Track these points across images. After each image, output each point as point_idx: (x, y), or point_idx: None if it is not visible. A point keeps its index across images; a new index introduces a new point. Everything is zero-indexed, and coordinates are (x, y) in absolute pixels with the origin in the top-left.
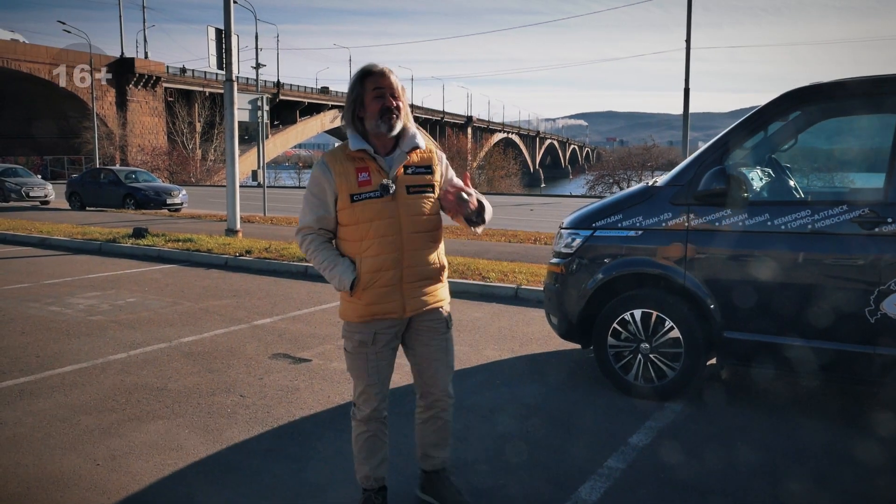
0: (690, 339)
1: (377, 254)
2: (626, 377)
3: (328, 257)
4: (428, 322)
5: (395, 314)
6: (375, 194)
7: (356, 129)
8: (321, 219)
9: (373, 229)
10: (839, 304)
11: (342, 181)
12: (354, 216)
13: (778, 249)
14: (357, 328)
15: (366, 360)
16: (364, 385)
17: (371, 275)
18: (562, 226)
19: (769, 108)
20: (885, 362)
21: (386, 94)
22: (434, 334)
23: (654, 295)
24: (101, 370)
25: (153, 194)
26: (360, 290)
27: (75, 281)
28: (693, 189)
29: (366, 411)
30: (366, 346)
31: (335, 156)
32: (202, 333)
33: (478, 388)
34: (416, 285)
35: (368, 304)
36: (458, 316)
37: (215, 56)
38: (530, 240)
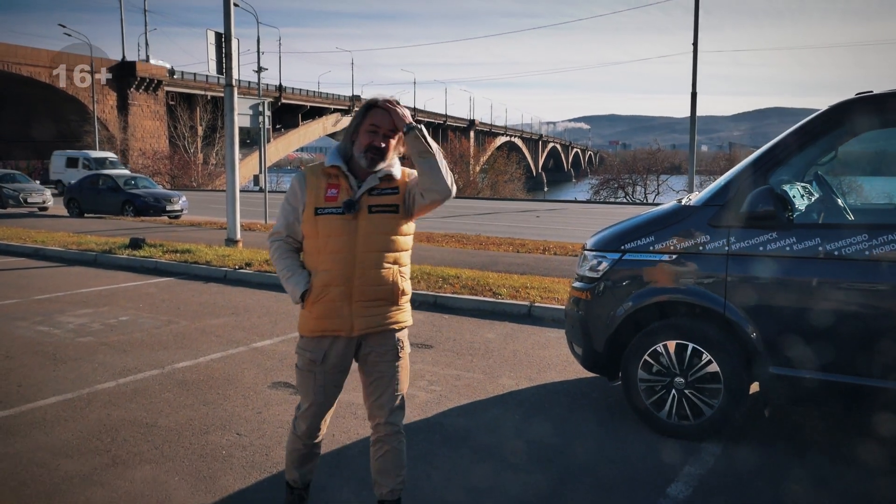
0: (731, 375)
1: (329, 268)
2: (659, 414)
3: (288, 266)
4: (378, 347)
5: (343, 332)
6: (338, 210)
7: (343, 148)
8: (290, 226)
9: (329, 244)
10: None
11: (312, 193)
12: (315, 229)
13: (831, 277)
14: (309, 345)
15: (314, 380)
16: (309, 403)
17: (321, 288)
18: (586, 247)
19: (820, 121)
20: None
21: (379, 133)
22: (382, 359)
23: (690, 325)
24: (86, 402)
25: (152, 201)
26: (311, 303)
27: (67, 296)
28: (734, 210)
29: (303, 428)
30: (315, 364)
31: (314, 169)
32: (197, 358)
33: (495, 424)
34: (366, 305)
35: (317, 317)
36: (471, 337)
37: (215, 60)
38: (539, 249)
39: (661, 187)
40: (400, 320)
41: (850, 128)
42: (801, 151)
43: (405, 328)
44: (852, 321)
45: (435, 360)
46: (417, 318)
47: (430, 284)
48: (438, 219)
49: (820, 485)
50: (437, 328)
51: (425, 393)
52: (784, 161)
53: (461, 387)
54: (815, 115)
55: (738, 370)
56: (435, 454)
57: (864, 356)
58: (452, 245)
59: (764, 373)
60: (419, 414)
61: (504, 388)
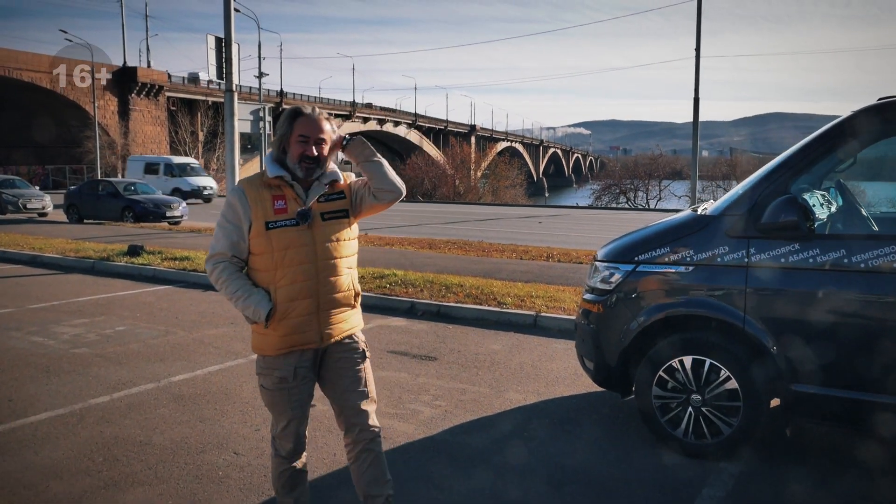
0: (750, 392)
1: (292, 282)
2: (674, 432)
3: (241, 286)
4: (343, 353)
5: (314, 344)
6: (291, 222)
7: (277, 158)
8: (235, 245)
9: (288, 257)
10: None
11: (257, 208)
12: (269, 244)
13: (858, 291)
14: (276, 363)
15: (288, 396)
16: (287, 420)
17: (287, 304)
18: (597, 257)
19: (843, 126)
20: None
21: (309, 142)
22: (350, 365)
23: (708, 340)
24: (79, 418)
25: (152, 207)
26: (276, 321)
27: (63, 305)
28: (755, 220)
29: (288, 447)
30: (287, 381)
31: (252, 183)
32: (194, 371)
33: (503, 441)
34: (331, 313)
35: (285, 334)
36: (476, 349)
37: (215, 66)
38: (543, 256)
39: (663, 193)
40: (357, 323)
41: (875, 133)
42: (823, 158)
43: (360, 329)
44: (880, 337)
45: (439, 373)
46: (421, 327)
47: (433, 293)
48: (440, 225)
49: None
50: (441, 339)
51: (430, 408)
52: (805, 169)
53: (467, 402)
54: (839, 120)
55: (757, 387)
56: (440, 475)
57: (893, 373)
58: (455, 252)
59: (786, 390)
60: (423, 431)
61: (511, 403)
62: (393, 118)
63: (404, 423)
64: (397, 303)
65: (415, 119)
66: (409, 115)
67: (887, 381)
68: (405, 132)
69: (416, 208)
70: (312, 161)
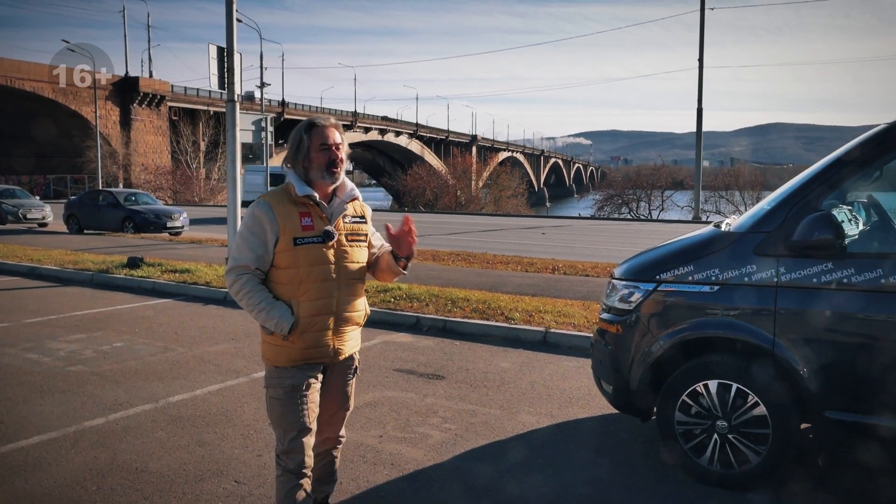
0: (779, 418)
1: (316, 298)
2: (699, 461)
3: (265, 299)
4: (344, 368)
5: (328, 358)
6: (318, 240)
7: (299, 174)
8: (260, 258)
9: (313, 274)
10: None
11: (286, 223)
12: (295, 260)
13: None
14: (289, 373)
15: (299, 406)
16: (297, 431)
17: (310, 318)
18: (614, 275)
19: (881, 138)
20: None
21: (332, 148)
22: (344, 379)
23: (734, 363)
24: (72, 442)
25: (153, 217)
26: (297, 335)
27: (59, 320)
28: (784, 237)
29: (300, 458)
30: (299, 390)
31: (278, 198)
32: (194, 390)
33: (518, 469)
34: (345, 330)
35: (304, 347)
36: (484, 367)
37: (216, 75)
38: (548, 269)
39: (666, 203)
40: (359, 342)
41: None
42: (858, 172)
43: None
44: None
45: (448, 394)
46: (427, 344)
47: (438, 308)
48: (443, 236)
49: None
50: (448, 356)
51: (439, 432)
52: (838, 183)
53: (477, 424)
54: (877, 131)
55: (788, 414)
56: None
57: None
58: (458, 264)
59: (818, 417)
60: (434, 457)
61: (524, 427)
62: (394, 128)
63: (413, 448)
64: (402, 318)
65: (416, 129)
66: (410, 125)
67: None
68: (406, 142)
69: (418, 219)
70: (337, 165)
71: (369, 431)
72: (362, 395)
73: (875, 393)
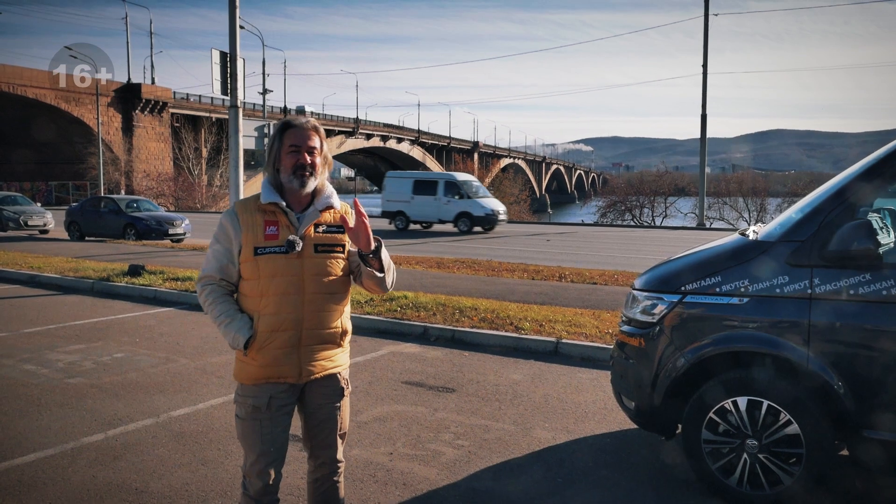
0: (814, 438)
1: (276, 312)
2: (727, 481)
3: (225, 311)
4: (323, 389)
5: (291, 378)
6: (280, 249)
7: (272, 180)
8: (224, 268)
9: (273, 286)
10: None
11: (248, 232)
12: (256, 270)
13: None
14: (250, 392)
15: (259, 428)
16: (256, 455)
17: (268, 334)
18: (635, 286)
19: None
20: None
21: (301, 151)
22: (328, 401)
23: (765, 379)
24: (70, 460)
25: (155, 224)
26: (255, 350)
27: (59, 330)
28: (819, 246)
29: (258, 485)
30: (259, 411)
31: (246, 205)
32: (196, 404)
33: (536, 490)
34: (314, 349)
35: (263, 365)
36: (495, 379)
37: (219, 81)
38: (555, 277)
39: (669, 210)
40: (343, 362)
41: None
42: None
43: (347, 368)
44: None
45: (459, 408)
46: (436, 355)
47: (446, 317)
48: (446, 242)
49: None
50: (458, 368)
51: (452, 449)
52: (876, 190)
53: (491, 441)
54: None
55: (823, 433)
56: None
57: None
58: (464, 271)
59: (855, 437)
60: (447, 477)
61: (540, 443)
62: (396, 134)
63: (426, 466)
64: (409, 327)
65: (418, 136)
66: (412, 131)
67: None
68: (408, 148)
69: None
70: (305, 170)
71: (379, 448)
72: (371, 409)
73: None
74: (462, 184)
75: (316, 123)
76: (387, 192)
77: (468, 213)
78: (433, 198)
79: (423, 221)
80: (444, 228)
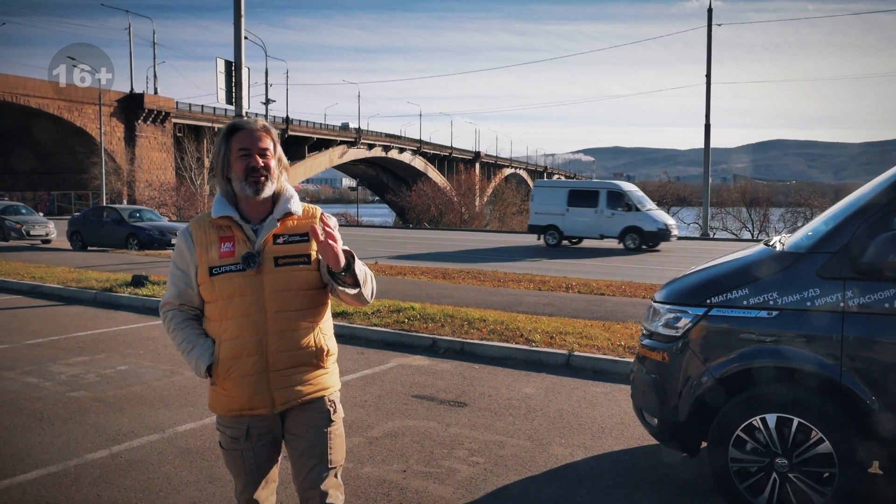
0: (846, 456)
1: (237, 336)
2: (755, 500)
3: (186, 337)
4: (306, 415)
5: (264, 409)
6: (237, 267)
7: (225, 191)
8: (182, 293)
9: (232, 308)
10: None
11: (202, 252)
12: (213, 292)
13: None
14: (227, 422)
15: (242, 457)
16: (244, 483)
17: (230, 361)
18: (656, 298)
19: None
20: None
21: (252, 154)
22: (311, 429)
23: (796, 395)
24: (73, 478)
25: (157, 234)
26: (221, 379)
27: (62, 341)
28: (852, 258)
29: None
30: (239, 442)
31: (200, 223)
32: (202, 419)
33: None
34: (286, 373)
35: (231, 395)
36: (508, 392)
37: (224, 90)
38: (561, 287)
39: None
40: (328, 385)
41: None
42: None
43: (336, 391)
44: None
45: (472, 423)
46: (445, 367)
47: (455, 329)
48: (450, 252)
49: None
50: (469, 381)
51: (467, 466)
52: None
53: (507, 458)
54: None
55: (856, 451)
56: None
57: None
58: (469, 282)
59: (891, 455)
60: (464, 496)
61: (558, 461)
62: (398, 144)
63: (440, 485)
64: (417, 339)
65: (419, 145)
66: (414, 141)
67: None
68: (410, 158)
69: (423, 235)
70: (258, 172)
71: (391, 465)
72: (381, 424)
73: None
74: (629, 194)
75: (266, 123)
76: (535, 204)
77: (637, 227)
78: (593, 210)
79: (580, 237)
80: (601, 245)
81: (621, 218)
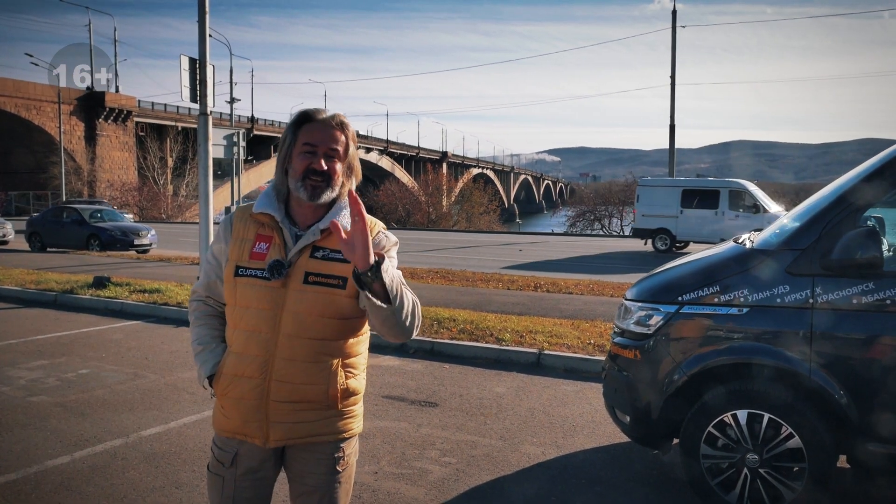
0: (816, 451)
1: (242, 351)
2: (726, 497)
3: (200, 337)
4: (310, 457)
5: (256, 439)
6: (261, 273)
7: (278, 184)
8: (211, 285)
9: (246, 318)
10: None
11: (235, 247)
12: (234, 295)
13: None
14: (219, 442)
15: (221, 486)
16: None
17: (230, 378)
18: (627, 297)
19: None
20: None
21: (318, 152)
22: (312, 476)
23: (766, 391)
24: (34, 485)
25: (119, 234)
26: (220, 395)
27: (20, 345)
28: (821, 255)
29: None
30: (223, 467)
31: (243, 214)
32: (168, 423)
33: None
34: (287, 407)
35: (225, 414)
36: (478, 392)
37: (188, 88)
38: (530, 286)
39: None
40: (340, 430)
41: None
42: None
43: (352, 437)
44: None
45: (443, 423)
46: (416, 367)
47: (424, 328)
48: (419, 252)
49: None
50: (440, 381)
51: (439, 467)
52: (880, 197)
53: (479, 457)
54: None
55: (825, 446)
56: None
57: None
58: (438, 282)
59: (860, 450)
60: (436, 496)
61: (530, 459)
62: (364, 144)
63: (413, 486)
64: (387, 339)
65: (386, 146)
66: (380, 141)
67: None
68: (377, 158)
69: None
70: (319, 177)
71: (363, 467)
72: None
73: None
74: (753, 193)
75: (344, 119)
76: (642, 205)
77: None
78: (713, 212)
79: (696, 241)
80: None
81: (747, 221)
